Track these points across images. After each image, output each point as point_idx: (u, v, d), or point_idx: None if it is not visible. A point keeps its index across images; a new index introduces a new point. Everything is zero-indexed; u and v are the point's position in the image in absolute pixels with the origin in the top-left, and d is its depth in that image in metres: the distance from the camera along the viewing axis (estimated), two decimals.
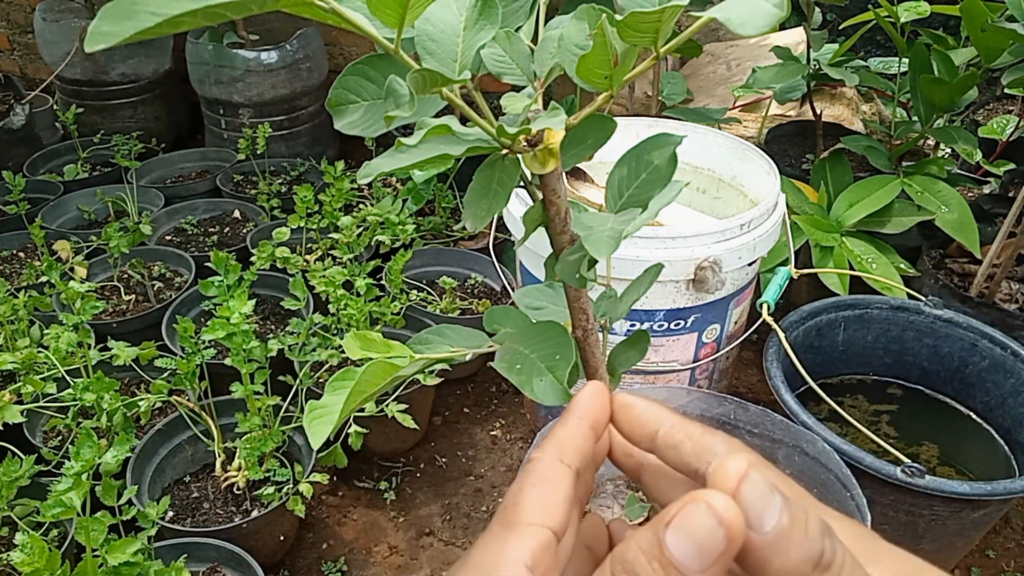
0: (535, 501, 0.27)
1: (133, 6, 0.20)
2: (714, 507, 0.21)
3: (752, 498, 0.22)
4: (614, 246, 0.33)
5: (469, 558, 0.26)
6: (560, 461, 0.28)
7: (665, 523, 0.22)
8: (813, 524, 0.22)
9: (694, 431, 0.28)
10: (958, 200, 1.43)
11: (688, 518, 0.22)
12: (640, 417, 0.30)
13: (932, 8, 1.42)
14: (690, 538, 0.21)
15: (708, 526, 0.21)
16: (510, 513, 0.26)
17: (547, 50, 0.37)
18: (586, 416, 0.30)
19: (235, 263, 1.16)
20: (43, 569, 0.79)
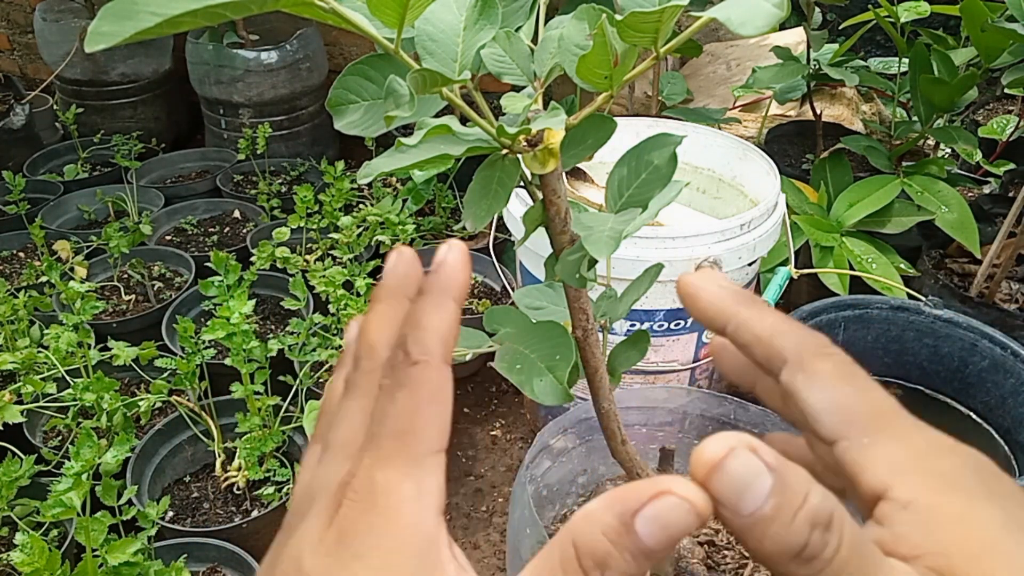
0: (433, 423, 0.24)
1: (133, 6, 0.20)
2: (688, 499, 0.21)
3: (732, 479, 0.21)
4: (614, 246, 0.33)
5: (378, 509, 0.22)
6: (446, 363, 0.25)
7: (634, 512, 0.21)
8: (804, 514, 0.21)
9: (762, 331, 0.26)
10: (958, 200, 1.43)
11: (665, 513, 0.21)
12: (705, 312, 0.27)
13: (932, 8, 1.42)
14: (662, 527, 0.21)
15: (681, 516, 0.21)
16: (413, 441, 0.23)
17: (547, 50, 0.37)
18: (460, 298, 0.27)
19: (235, 263, 1.16)
20: (43, 569, 0.79)
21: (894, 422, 0.24)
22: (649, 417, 1.05)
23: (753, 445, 0.21)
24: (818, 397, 0.24)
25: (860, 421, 0.24)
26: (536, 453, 0.95)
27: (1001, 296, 1.43)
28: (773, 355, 0.26)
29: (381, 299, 0.29)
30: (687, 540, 0.92)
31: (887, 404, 0.24)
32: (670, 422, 1.05)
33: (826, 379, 0.25)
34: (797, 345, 0.25)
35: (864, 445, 0.24)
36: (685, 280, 0.28)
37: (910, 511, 0.23)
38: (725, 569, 0.89)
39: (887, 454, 0.23)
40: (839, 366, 0.25)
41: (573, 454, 1.02)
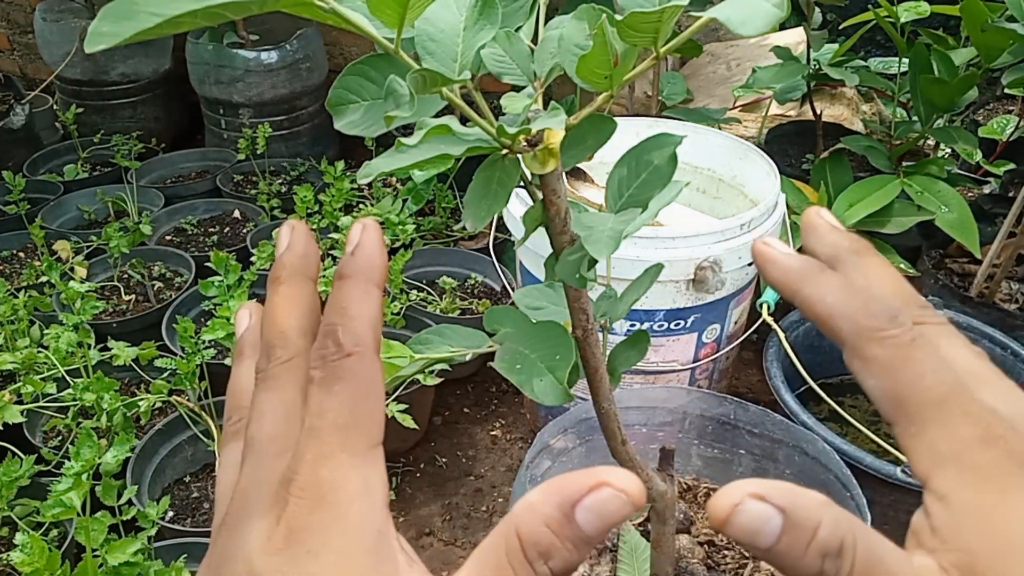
0: (372, 417, 0.24)
1: (133, 6, 0.20)
2: (627, 492, 0.22)
3: (742, 529, 0.22)
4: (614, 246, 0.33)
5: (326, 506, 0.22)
6: (378, 352, 0.25)
7: (574, 503, 0.22)
8: (815, 547, 0.22)
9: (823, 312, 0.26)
10: (958, 200, 1.43)
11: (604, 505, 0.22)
12: (775, 282, 0.27)
13: (932, 8, 1.42)
14: (600, 516, 0.22)
15: (618, 506, 0.22)
16: (354, 435, 0.23)
17: (547, 50, 0.37)
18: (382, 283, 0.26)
19: (235, 263, 1.16)
20: (43, 569, 0.79)
21: (943, 411, 0.23)
22: (649, 417, 1.05)
23: (761, 492, 0.22)
24: (871, 384, 0.25)
25: (909, 409, 0.24)
26: (536, 453, 0.95)
27: (1001, 296, 1.43)
28: (834, 335, 0.26)
29: (282, 280, 0.28)
30: (687, 540, 0.92)
31: (940, 390, 0.24)
32: (670, 422, 1.05)
33: (878, 367, 0.24)
34: (853, 328, 0.25)
35: (911, 434, 0.24)
36: (757, 249, 0.28)
37: (945, 505, 0.23)
38: (725, 569, 0.89)
39: (930, 444, 0.23)
40: (893, 351, 0.24)
41: (573, 454, 1.02)
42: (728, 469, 1.04)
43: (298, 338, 0.27)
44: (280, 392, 0.26)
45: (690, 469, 1.06)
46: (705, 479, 1.05)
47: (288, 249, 0.28)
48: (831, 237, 0.29)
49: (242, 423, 0.27)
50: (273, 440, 0.25)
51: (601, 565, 0.90)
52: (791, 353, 1.13)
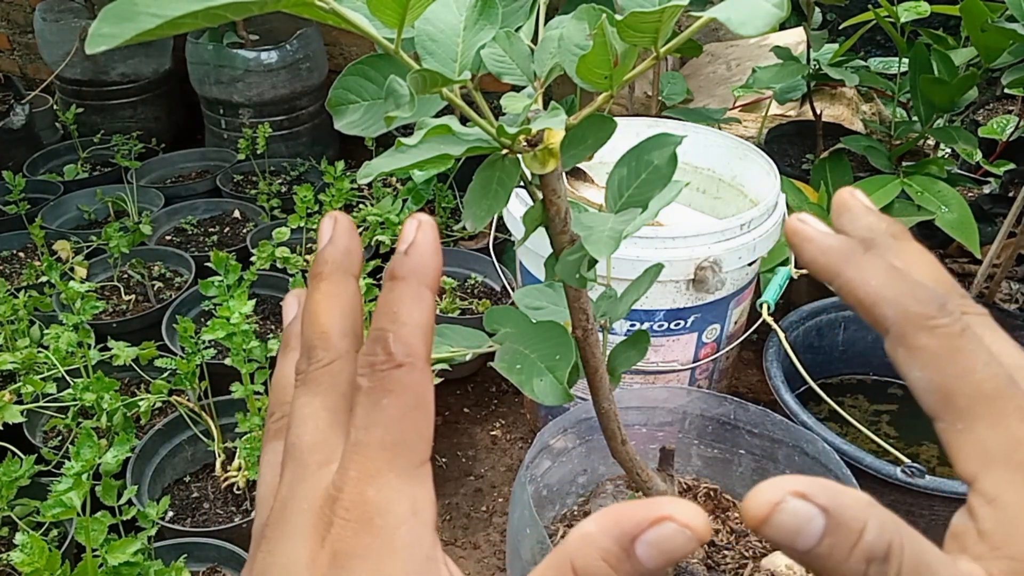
0: (421, 433, 0.23)
1: (134, 7, 0.20)
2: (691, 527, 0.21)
3: (780, 529, 0.21)
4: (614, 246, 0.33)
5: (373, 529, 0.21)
6: (428, 364, 0.23)
7: (634, 537, 0.21)
8: (860, 550, 0.20)
9: (864, 297, 0.24)
10: (958, 200, 1.43)
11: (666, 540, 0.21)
12: (812, 265, 0.25)
13: (932, 8, 1.42)
14: (662, 552, 0.21)
15: (681, 542, 0.21)
16: (403, 453, 0.22)
17: (547, 50, 0.37)
18: (435, 286, 0.24)
19: (235, 263, 1.16)
20: (43, 569, 0.79)
21: (995, 407, 0.22)
22: (649, 417, 1.05)
23: (803, 491, 0.21)
24: (917, 376, 0.23)
25: (956, 406, 0.22)
26: (536, 453, 0.95)
27: (1001, 296, 1.43)
28: (877, 323, 0.24)
29: (324, 276, 0.26)
30: None
31: (992, 385, 0.22)
32: (670, 422, 1.05)
33: (926, 357, 0.23)
34: (900, 315, 0.23)
35: (958, 430, 0.22)
36: (791, 229, 0.26)
37: (994, 507, 0.21)
38: (725, 569, 0.90)
39: (979, 442, 0.22)
40: (943, 341, 0.23)
41: (573, 454, 1.02)
42: (728, 469, 1.04)
43: (340, 339, 0.25)
44: (322, 397, 0.25)
45: (690, 469, 1.06)
46: (705, 479, 1.05)
47: (330, 243, 0.27)
48: (867, 219, 0.27)
49: (283, 421, 0.26)
50: (314, 449, 0.24)
51: None
52: (791, 353, 1.13)
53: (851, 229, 0.27)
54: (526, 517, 0.80)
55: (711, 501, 1.02)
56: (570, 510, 1.02)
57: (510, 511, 0.87)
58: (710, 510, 1.01)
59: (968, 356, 0.23)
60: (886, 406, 1.32)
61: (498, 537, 1.31)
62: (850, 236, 0.26)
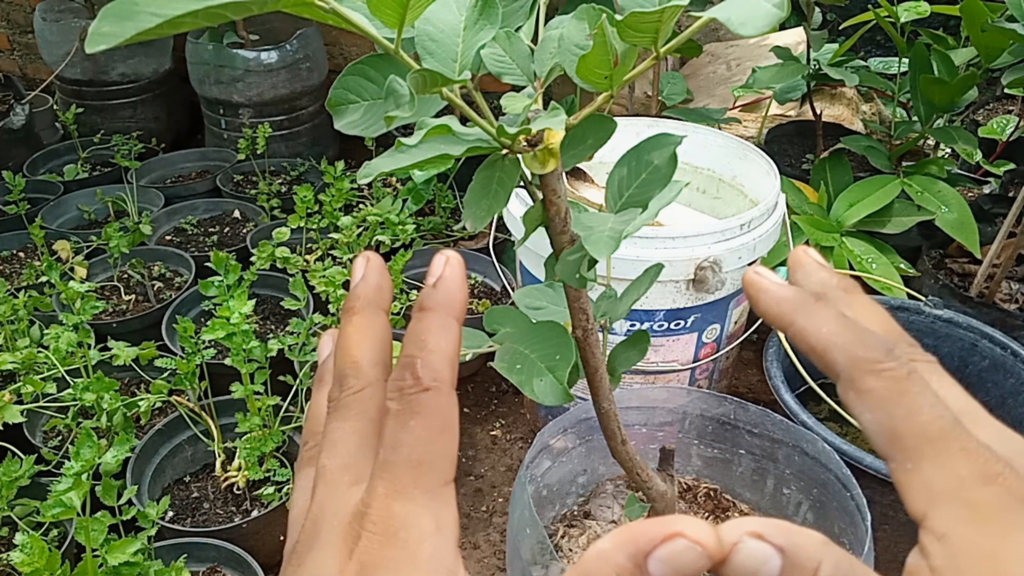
0: (444, 454, 0.24)
1: (134, 7, 0.20)
2: (702, 543, 0.21)
3: (742, 567, 0.22)
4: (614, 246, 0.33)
5: (398, 543, 0.22)
6: (454, 388, 0.25)
7: (646, 553, 0.21)
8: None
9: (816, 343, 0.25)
10: (958, 200, 1.43)
11: (678, 557, 0.21)
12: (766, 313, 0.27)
13: (932, 8, 1.42)
14: (674, 569, 0.21)
15: (693, 558, 0.21)
16: (429, 472, 0.23)
17: (547, 50, 0.37)
18: (461, 317, 0.26)
19: (235, 263, 1.16)
20: (43, 569, 0.79)
21: (940, 447, 0.23)
22: (649, 417, 1.05)
23: (759, 531, 0.22)
24: (867, 418, 0.24)
25: (904, 446, 0.23)
26: (536, 453, 0.96)
27: (1001, 296, 1.43)
28: (828, 368, 0.25)
29: (356, 311, 0.28)
30: None
31: (937, 427, 0.23)
32: (670, 422, 1.05)
33: (874, 400, 0.24)
34: (848, 360, 0.25)
35: (907, 470, 0.23)
36: (747, 280, 0.28)
37: (944, 544, 0.22)
38: None
39: (927, 481, 0.23)
40: (888, 385, 0.24)
41: (573, 454, 1.02)
42: (728, 469, 1.04)
43: (370, 368, 0.27)
44: (353, 421, 0.26)
45: (690, 469, 1.06)
46: (705, 479, 1.05)
47: (363, 280, 0.28)
48: (819, 274, 0.29)
49: (316, 449, 0.27)
50: (345, 470, 0.25)
51: None
52: (791, 353, 1.13)
53: (805, 284, 0.29)
54: (526, 517, 0.80)
55: (711, 501, 1.02)
56: (570, 510, 1.02)
57: (510, 511, 0.87)
58: (710, 510, 1.01)
59: (914, 399, 0.24)
60: None
61: (498, 537, 1.31)
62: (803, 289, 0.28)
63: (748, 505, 1.02)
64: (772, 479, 1.01)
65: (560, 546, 0.95)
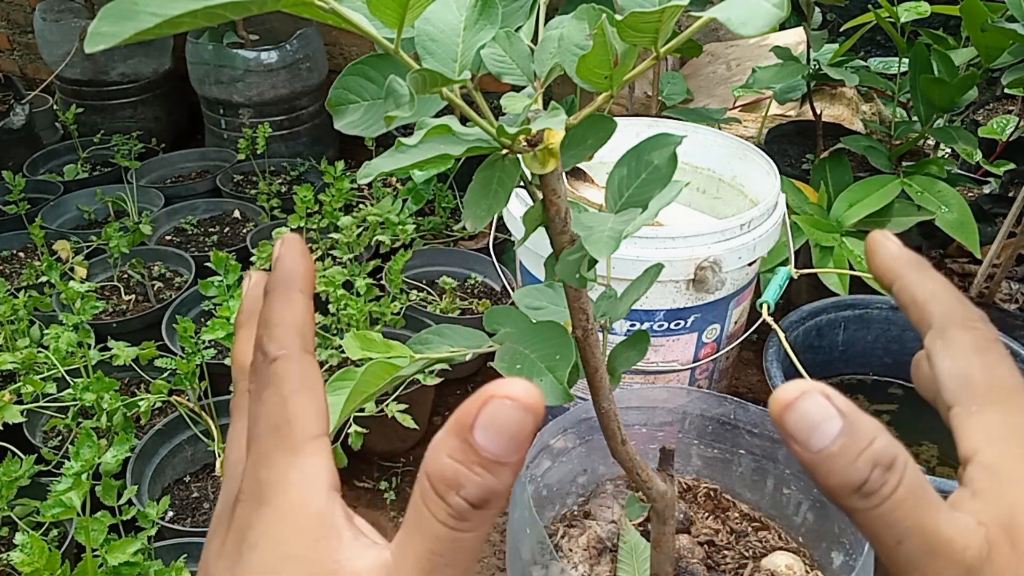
0: (307, 411, 0.24)
1: (133, 6, 0.20)
2: (517, 399, 0.21)
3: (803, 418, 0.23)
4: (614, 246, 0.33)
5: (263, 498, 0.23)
6: (307, 352, 0.25)
7: (470, 427, 0.21)
8: (868, 455, 0.23)
9: (920, 295, 0.28)
10: (958, 200, 1.43)
11: (494, 417, 0.21)
12: (878, 269, 0.30)
13: (932, 8, 1.42)
14: (503, 433, 0.21)
15: (516, 418, 0.21)
16: (286, 433, 0.24)
17: (547, 50, 0.37)
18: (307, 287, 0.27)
19: (235, 263, 1.16)
20: (43, 569, 0.79)
21: (1007, 397, 0.25)
22: (649, 417, 1.05)
23: (827, 392, 0.23)
24: (948, 364, 0.26)
25: (976, 391, 0.25)
26: (536, 453, 0.95)
27: (1001, 296, 1.43)
28: (923, 318, 0.28)
29: (241, 324, 0.30)
30: (687, 540, 0.92)
31: (1010, 382, 0.26)
32: (670, 422, 1.05)
33: (960, 348, 0.26)
34: (945, 313, 0.27)
35: (971, 413, 0.25)
36: (872, 236, 0.30)
37: (990, 472, 0.24)
38: (725, 569, 0.90)
39: (988, 422, 0.25)
40: (977, 339, 0.26)
41: (573, 454, 1.02)
42: (728, 469, 1.04)
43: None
44: (242, 420, 0.27)
45: (690, 469, 1.06)
46: (705, 479, 1.05)
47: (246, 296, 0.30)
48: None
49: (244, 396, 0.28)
50: (236, 464, 0.26)
51: (601, 565, 0.91)
52: (791, 353, 1.13)
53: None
54: (526, 517, 0.80)
55: (711, 501, 1.02)
56: (570, 510, 1.02)
57: (510, 511, 0.87)
58: (710, 510, 1.01)
59: (996, 356, 0.26)
60: (886, 406, 1.32)
61: (498, 537, 1.31)
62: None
63: (748, 505, 1.02)
64: (772, 479, 1.01)
65: (560, 546, 0.95)
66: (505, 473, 0.22)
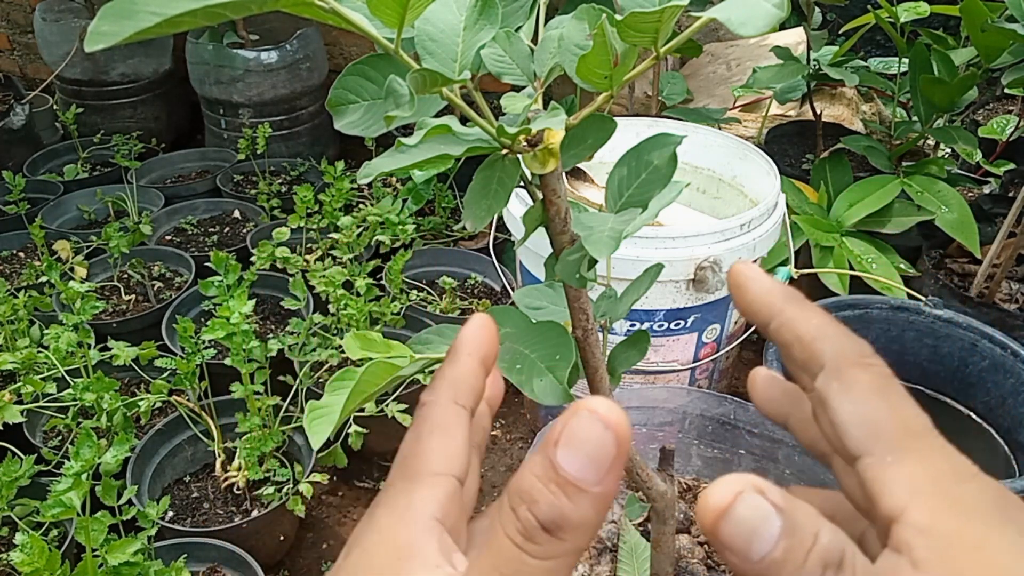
0: (435, 449, 0.26)
1: (133, 6, 0.20)
2: (597, 412, 0.21)
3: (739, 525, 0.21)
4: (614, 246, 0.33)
5: (374, 518, 0.25)
6: (455, 403, 0.27)
7: (554, 442, 0.21)
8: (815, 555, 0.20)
9: (805, 332, 0.25)
10: (958, 200, 1.43)
11: (574, 432, 0.21)
12: (751, 306, 0.27)
13: (932, 8, 1.42)
14: (580, 451, 0.21)
15: (596, 435, 0.21)
16: (412, 464, 0.26)
17: (547, 50, 0.37)
18: (475, 352, 0.29)
19: (235, 263, 1.16)
20: (43, 569, 0.79)
21: (921, 442, 0.23)
22: (649, 417, 1.05)
23: (760, 486, 0.21)
24: (849, 408, 0.24)
25: (887, 438, 0.23)
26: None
27: (1001, 296, 1.43)
28: (812, 358, 0.25)
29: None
30: (687, 540, 0.92)
31: (918, 423, 0.23)
32: (670, 422, 1.05)
33: (861, 390, 0.24)
34: (837, 351, 0.25)
35: (887, 463, 0.23)
36: (736, 269, 0.28)
37: (929, 536, 0.21)
38: (725, 569, 0.89)
39: (909, 474, 0.22)
40: (876, 378, 0.24)
41: None
42: (728, 469, 1.04)
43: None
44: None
45: (690, 469, 1.06)
46: (705, 479, 1.05)
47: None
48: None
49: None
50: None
51: (601, 565, 0.90)
52: None
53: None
54: None
55: None
56: None
57: None
58: None
59: (899, 395, 0.24)
60: None
61: None
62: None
63: None
64: (772, 479, 1.01)
65: None
66: (582, 501, 0.21)
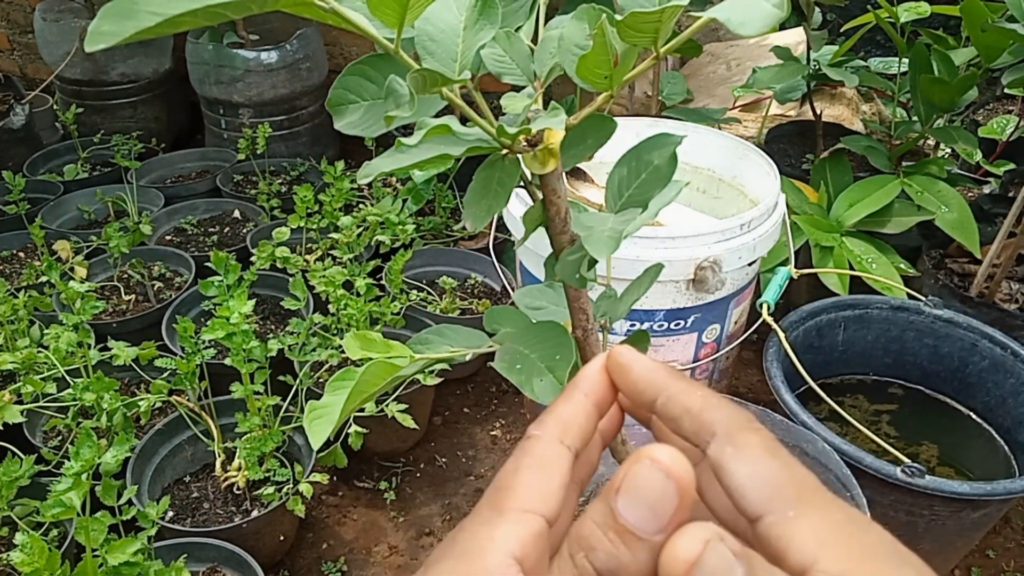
0: (529, 485, 0.25)
1: (133, 6, 0.20)
2: (660, 461, 0.21)
3: (711, 575, 0.21)
4: (614, 246, 0.33)
5: (454, 543, 0.25)
6: (560, 442, 0.26)
7: (615, 489, 0.21)
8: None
9: (693, 404, 0.26)
10: (958, 200, 1.43)
11: (636, 480, 0.21)
12: (636, 384, 0.28)
13: (932, 8, 1.42)
14: (641, 501, 0.21)
15: (657, 485, 0.21)
16: (502, 496, 0.25)
17: (547, 50, 0.37)
18: (592, 393, 0.28)
19: (235, 263, 1.16)
20: (43, 569, 0.79)
21: (817, 496, 0.24)
22: None
23: (720, 533, 0.22)
24: (746, 471, 0.24)
25: (786, 495, 0.24)
26: None
27: (1001, 296, 1.43)
28: (703, 427, 0.26)
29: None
30: None
31: (810, 479, 0.25)
32: None
33: (754, 453, 0.25)
34: (727, 419, 0.26)
35: (790, 518, 0.23)
36: (617, 351, 0.29)
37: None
38: None
39: (813, 526, 0.23)
40: (765, 440, 0.25)
41: None
42: None
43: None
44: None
45: None
46: None
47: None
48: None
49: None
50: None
51: None
52: (791, 353, 1.13)
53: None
54: None
55: None
56: None
57: None
58: None
59: (787, 455, 0.25)
60: (886, 406, 1.32)
61: None
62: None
63: None
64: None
65: None
66: (640, 550, 0.21)
